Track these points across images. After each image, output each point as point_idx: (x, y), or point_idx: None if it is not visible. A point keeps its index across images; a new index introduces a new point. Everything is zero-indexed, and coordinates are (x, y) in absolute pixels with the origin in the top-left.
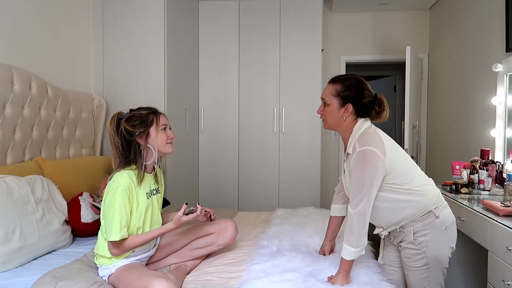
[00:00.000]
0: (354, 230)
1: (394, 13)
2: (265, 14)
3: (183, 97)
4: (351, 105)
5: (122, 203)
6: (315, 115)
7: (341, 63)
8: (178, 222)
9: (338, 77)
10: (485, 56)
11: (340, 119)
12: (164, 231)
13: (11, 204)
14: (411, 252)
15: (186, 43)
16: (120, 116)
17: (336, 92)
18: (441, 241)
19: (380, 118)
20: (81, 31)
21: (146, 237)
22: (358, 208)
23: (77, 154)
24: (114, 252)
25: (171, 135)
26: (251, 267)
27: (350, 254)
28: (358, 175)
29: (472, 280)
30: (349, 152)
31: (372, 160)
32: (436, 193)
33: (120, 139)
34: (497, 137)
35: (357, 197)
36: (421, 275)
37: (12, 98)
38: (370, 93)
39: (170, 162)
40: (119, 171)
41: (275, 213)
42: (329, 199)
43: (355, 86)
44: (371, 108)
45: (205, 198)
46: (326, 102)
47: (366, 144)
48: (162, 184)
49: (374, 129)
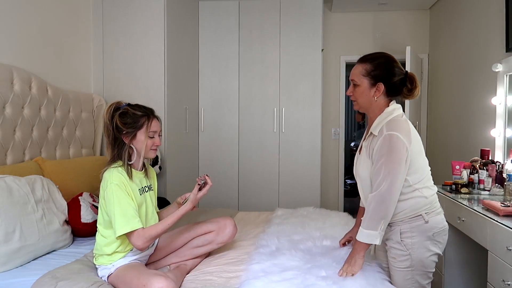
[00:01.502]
0: (369, 212)
1: (394, 13)
2: (265, 14)
3: (183, 97)
4: (382, 84)
5: (120, 196)
6: (315, 115)
7: (341, 63)
8: (195, 201)
9: (367, 56)
10: (485, 56)
11: (372, 99)
12: (183, 212)
13: (11, 204)
14: (396, 252)
15: (186, 43)
16: (118, 106)
17: (366, 72)
18: (426, 245)
19: (413, 95)
20: (81, 31)
21: (166, 223)
22: (376, 191)
23: (77, 154)
24: (138, 244)
25: (157, 143)
26: (251, 266)
27: (361, 235)
28: (381, 159)
29: (472, 280)
30: (374, 133)
31: (398, 146)
32: (432, 199)
33: (112, 130)
34: (497, 137)
35: (377, 181)
36: (405, 276)
37: (12, 98)
38: (401, 70)
39: (170, 162)
40: (108, 169)
41: (275, 213)
42: (329, 199)
43: (385, 65)
44: (403, 86)
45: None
46: (356, 83)
47: (394, 130)
48: (154, 181)
49: (405, 119)
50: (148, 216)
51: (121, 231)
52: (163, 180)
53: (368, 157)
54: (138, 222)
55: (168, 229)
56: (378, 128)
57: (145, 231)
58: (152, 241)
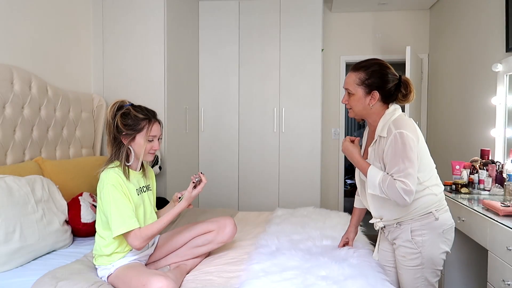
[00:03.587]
0: (385, 185)
1: (394, 13)
2: (265, 14)
3: (183, 97)
4: (377, 92)
5: (116, 197)
6: (315, 115)
7: (341, 63)
8: (189, 198)
9: (360, 64)
10: (485, 56)
11: (367, 106)
12: (178, 211)
13: (11, 204)
14: (406, 250)
15: (186, 43)
16: (122, 105)
17: (360, 81)
18: (437, 243)
19: (408, 100)
20: (81, 31)
21: (162, 222)
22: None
23: (77, 154)
24: (135, 244)
25: (156, 147)
26: (251, 266)
27: (371, 173)
28: (395, 157)
29: (472, 280)
30: (382, 135)
31: (409, 142)
32: (441, 196)
33: (113, 128)
34: (497, 137)
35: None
36: (414, 275)
37: (12, 98)
38: (394, 76)
39: (170, 162)
40: (105, 170)
41: (275, 213)
42: (329, 199)
43: (378, 72)
44: (397, 92)
45: (205, 198)
46: (351, 92)
47: (402, 128)
48: (153, 181)
49: (408, 117)
50: (146, 216)
51: (118, 232)
52: (163, 180)
53: (377, 161)
54: (134, 222)
55: (164, 227)
56: (385, 129)
57: (141, 231)
58: (149, 241)
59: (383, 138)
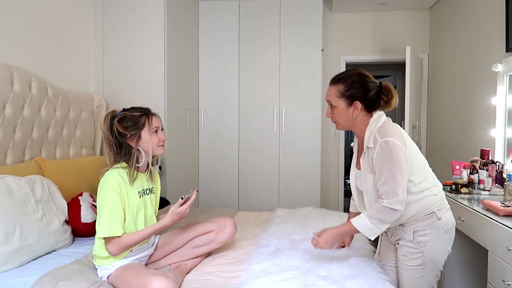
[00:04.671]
0: (380, 213)
1: (394, 13)
2: (265, 14)
3: (183, 97)
4: (359, 102)
5: (111, 200)
6: (315, 115)
7: (341, 63)
8: (174, 215)
9: (339, 76)
10: (485, 56)
11: (351, 117)
12: (160, 226)
13: (11, 204)
14: (408, 250)
15: (186, 43)
16: (114, 115)
17: (340, 93)
18: (440, 242)
19: (390, 106)
20: (81, 31)
21: (141, 234)
22: (386, 200)
23: (77, 154)
24: (111, 250)
25: (163, 137)
26: (251, 266)
27: (361, 225)
28: (383, 166)
29: (472, 280)
30: (369, 146)
31: (396, 150)
32: (441, 196)
33: (113, 138)
34: (497, 137)
35: (384, 187)
36: (415, 275)
37: (12, 98)
38: (374, 84)
39: (170, 162)
40: (109, 169)
41: (275, 213)
42: (329, 199)
43: (358, 82)
44: (379, 99)
45: (205, 198)
46: (333, 104)
47: (387, 135)
48: (157, 184)
49: (393, 123)
50: (146, 218)
51: (101, 234)
52: (163, 180)
53: (370, 171)
54: (119, 230)
55: (143, 240)
56: (371, 138)
57: (121, 239)
58: (126, 250)
59: (371, 148)
